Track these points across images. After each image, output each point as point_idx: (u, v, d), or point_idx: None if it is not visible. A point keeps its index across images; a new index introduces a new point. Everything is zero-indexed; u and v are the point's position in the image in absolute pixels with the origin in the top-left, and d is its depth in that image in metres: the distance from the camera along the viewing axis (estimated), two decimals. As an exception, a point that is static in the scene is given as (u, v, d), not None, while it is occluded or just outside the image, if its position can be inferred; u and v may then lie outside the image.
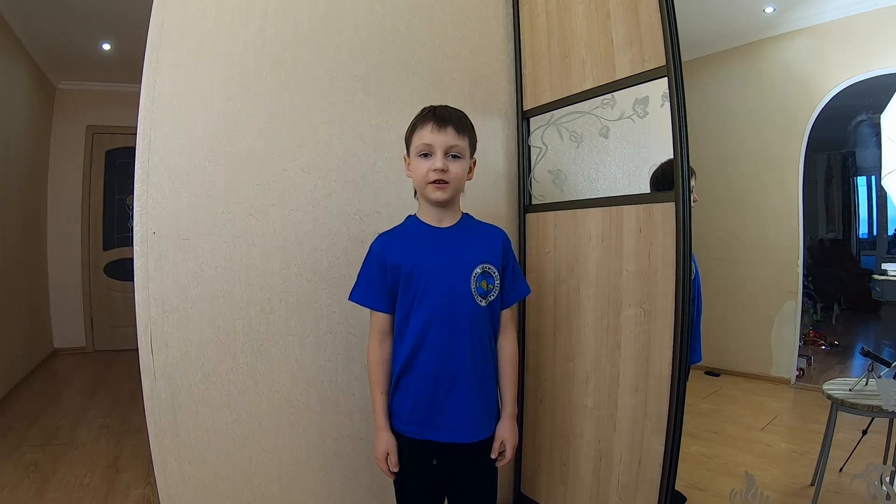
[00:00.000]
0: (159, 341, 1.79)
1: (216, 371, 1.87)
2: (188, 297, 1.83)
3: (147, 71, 1.80)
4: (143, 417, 1.78)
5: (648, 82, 1.93)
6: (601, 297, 2.08)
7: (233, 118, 1.91)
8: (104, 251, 6.54)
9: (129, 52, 5.27)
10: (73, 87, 6.38)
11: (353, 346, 2.08)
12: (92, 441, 3.54)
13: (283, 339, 1.98)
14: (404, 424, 1.63)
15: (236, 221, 1.90)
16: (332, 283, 2.05)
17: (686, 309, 1.78)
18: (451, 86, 2.35)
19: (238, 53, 1.93)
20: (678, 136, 1.77)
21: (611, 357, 2.05)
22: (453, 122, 1.58)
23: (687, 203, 1.77)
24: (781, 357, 4.61)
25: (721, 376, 4.68)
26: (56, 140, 6.30)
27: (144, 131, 1.78)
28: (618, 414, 2.02)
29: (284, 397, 1.98)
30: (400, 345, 1.63)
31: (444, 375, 1.59)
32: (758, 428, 3.54)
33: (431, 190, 1.59)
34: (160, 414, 1.80)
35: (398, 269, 1.61)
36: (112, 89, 6.42)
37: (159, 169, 1.79)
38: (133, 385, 4.60)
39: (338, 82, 2.10)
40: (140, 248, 1.77)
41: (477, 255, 1.63)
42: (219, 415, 1.88)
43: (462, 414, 1.61)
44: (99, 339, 6.48)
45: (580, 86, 2.19)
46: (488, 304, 1.63)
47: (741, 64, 4.85)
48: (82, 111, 6.40)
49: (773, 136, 4.66)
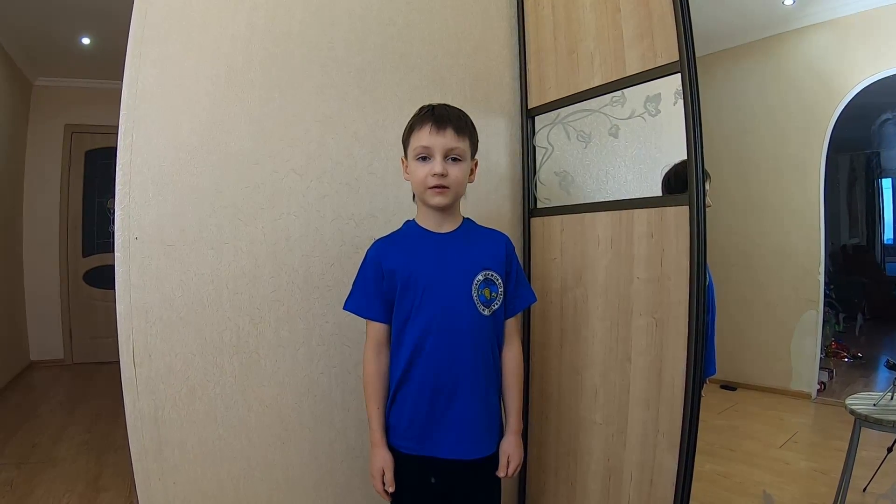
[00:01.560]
0: (142, 353, 1.78)
1: (202, 385, 1.87)
2: (173, 306, 1.83)
3: (129, 67, 1.80)
4: (124, 434, 1.77)
5: (661, 78, 1.93)
6: (610, 306, 2.08)
7: (220, 117, 1.91)
8: (84, 258, 6.55)
9: (110, 47, 5.29)
10: (51, 84, 6.40)
11: (348, 358, 2.08)
12: (71, 458, 3.54)
13: (273, 351, 1.98)
14: (401, 440, 1.64)
15: (224, 226, 1.90)
16: (326, 292, 2.05)
17: (701, 319, 1.77)
18: (450, 82, 2.35)
19: (226, 48, 1.93)
20: (692, 135, 1.77)
21: (620, 369, 2.04)
22: (453, 123, 1.58)
23: (701, 206, 1.77)
24: (801, 370, 4.61)
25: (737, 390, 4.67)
26: (33, 140, 6.32)
27: (126, 130, 1.78)
28: (628, 430, 2.02)
29: (275, 412, 1.98)
30: (397, 356, 1.64)
31: (442, 388, 1.59)
32: (776, 445, 3.54)
33: (430, 195, 1.60)
34: (143, 430, 1.80)
35: (395, 276, 1.61)
36: (92, 86, 6.44)
37: (142, 170, 1.79)
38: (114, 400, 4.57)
39: (331, 79, 2.10)
40: (122, 254, 1.76)
41: (478, 261, 1.64)
42: (205, 431, 1.88)
43: (462, 428, 1.61)
44: (78, 350, 6.49)
45: (588, 82, 2.19)
46: (492, 313, 1.63)
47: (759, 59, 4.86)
48: (61, 109, 6.42)
49: (793, 135, 4.67)
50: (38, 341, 6.35)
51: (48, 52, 5.61)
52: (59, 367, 6.32)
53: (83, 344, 6.50)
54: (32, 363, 6.29)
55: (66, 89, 6.46)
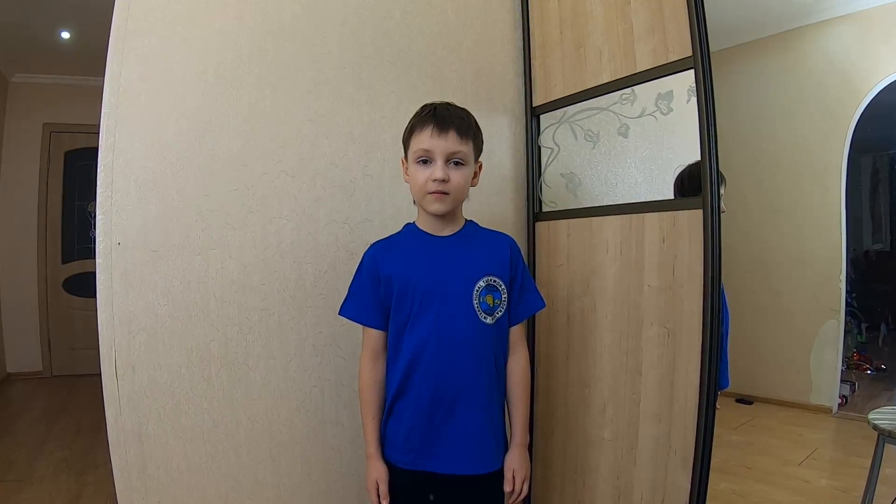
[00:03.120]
0: (125, 365, 1.78)
1: (189, 399, 1.87)
2: (157, 315, 1.82)
3: (111, 62, 1.80)
4: (106, 450, 1.77)
5: (673, 75, 1.93)
6: (620, 316, 2.08)
7: (208, 116, 1.91)
8: (63, 264, 6.55)
9: (91, 42, 5.28)
10: (29, 81, 6.41)
11: (343, 371, 2.08)
12: (50, 477, 3.53)
13: (263, 363, 1.97)
14: (397, 454, 1.64)
15: (211, 231, 1.90)
16: (319, 300, 2.05)
17: (715, 329, 1.77)
18: (451, 79, 2.35)
19: (214, 43, 1.94)
20: (706, 135, 1.77)
21: (630, 383, 2.04)
22: (455, 125, 1.58)
23: (716, 210, 1.77)
24: (821, 383, 4.60)
25: (754, 404, 4.67)
26: (8, 139, 6.32)
27: (108, 130, 1.78)
28: (638, 446, 2.02)
29: (265, 428, 1.98)
30: (394, 366, 1.64)
31: (441, 399, 1.59)
32: (795, 462, 3.54)
33: (430, 201, 1.60)
34: (126, 446, 1.79)
35: (392, 281, 1.62)
36: (72, 83, 6.44)
37: (125, 172, 1.79)
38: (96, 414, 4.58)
39: (325, 75, 2.10)
40: (103, 260, 1.76)
41: (480, 266, 1.64)
42: (191, 447, 1.87)
43: (462, 442, 1.61)
44: (57, 362, 6.48)
45: (596, 79, 2.20)
46: (494, 321, 1.63)
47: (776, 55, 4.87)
48: (38, 107, 6.42)
49: (813, 135, 4.67)
50: (14, 352, 6.34)
51: (25, 46, 5.61)
52: (36, 379, 6.31)
53: (62, 355, 6.49)
54: (9, 375, 6.28)
55: (45, 86, 6.46)
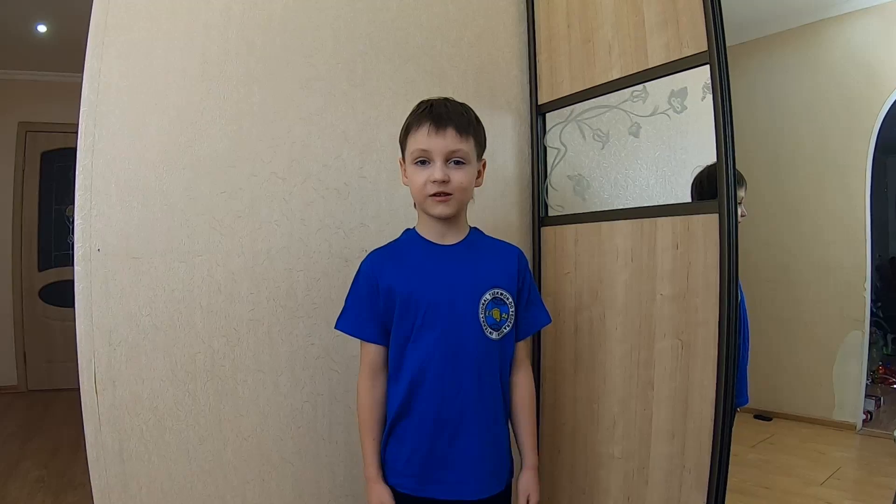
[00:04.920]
0: (105, 379, 1.77)
1: (173, 415, 1.86)
2: (139, 326, 1.82)
3: (91, 58, 1.80)
4: (85, 469, 1.77)
5: (687, 71, 1.93)
6: (630, 327, 2.08)
7: (193, 114, 1.91)
8: (39, 272, 6.54)
9: (69, 36, 5.29)
10: (2, 77, 6.41)
11: (337, 386, 2.08)
12: (25, 498, 3.52)
13: (252, 377, 1.97)
14: (398, 478, 1.63)
15: (197, 237, 1.90)
16: (311, 310, 2.04)
17: (732, 341, 1.77)
18: (451, 75, 2.36)
19: (199, 37, 1.94)
20: (722, 134, 1.77)
21: (642, 398, 2.04)
22: (454, 122, 1.57)
23: (733, 214, 1.77)
24: (845, 398, 4.59)
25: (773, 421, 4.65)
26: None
27: (87, 129, 1.78)
28: (650, 465, 2.01)
29: (254, 446, 1.97)
30: (395, 384, 1.64)
31: (446, 420, 1.59)
32: (817, 482, 3.53)
33: (431, 204, 1.59)
34: (106, 465, 1.79)
35: (392, 294, 1.61)
36: (49, 79, 6.45)
37: (105, 174, 1.79)
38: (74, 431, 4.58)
39: (317, 71, 2.11)
40: (82, 268, 1.76)
41: (487, 278, 1.63)
42: (176, 466, 1.87)
43: (468, 465, 1.60)
44: (33, 376, 6.46)
45: (606, 75, 2.20)
46: (501, 336, 1.63)
47: (796, 49, 4.87)
48: (13, 105, 6.42)
49: (835, 134, 4.66)
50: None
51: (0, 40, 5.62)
52: (11, 394, 6.30)
53: (39, 369, 6.48)
54: (-19, 390, 6.28)
55: (20, 83, 6.46)
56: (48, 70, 6.32)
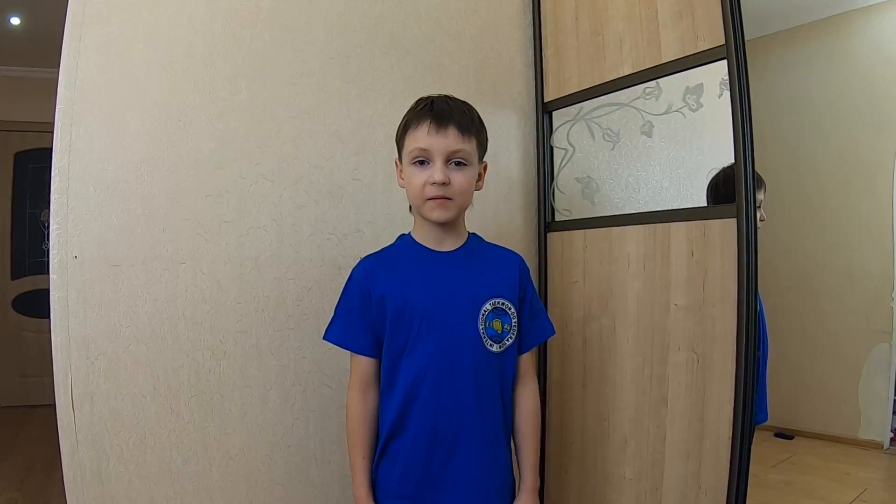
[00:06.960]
0: (82, 395, 1.77)
1: (155, 432, 1.86)
2: (119, 338, 1.82)
3: (67, 52, 1.79)
4: (61, 491, 1.76)
5: (703, 66, 1.94)
6: (643, 339, 2.08)
7: (176, 112, 1.91)
8: (12, 280, 6.53)
9: (44, 29, 5.30)
10: (-26, 73, 6.42)
11: (329, 402, 2.08)
12: (-5, 522, 3.52)
13: (239, 393, 1.97)
14: (391, 499, 1.62)
15: (180, 243, 1.90)
16: (302, 321, 2.04)
17: (751, 354, 1.77)
18: (452, 71, 2.36)
19: (182, 31, 1.94)
20: (741, 133, 1.77)
21: (655, 415, 2.04)
22: (456, 120, 1.57)
23: (752, 219, 1.77)
24: (871, 415, 4.58)
25: (795, 439, 4.65)
26: (-49, 139, 6.32)
27: (64, 129, 1.78)
28: (664, 486, 2.01)
29: (241, 465, 1.97)
30: (388, 400, 1.63)
31: (442, 438, 1.58)
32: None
33: (430, 208, 1.58)
34: (83, 487, 1.78)
35: (385, 303, 1.60)
36: (23, 75, 6.44)
37: (83, 176, 1.79)
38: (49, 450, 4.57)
39: (309, 66, 2.11)
40: (58, 276, 1.75)
41: (487, 287, 1.63)
42: (158, 488, 1.87)
43: (465, 487, 1.60)
44: (5, 392, 6.44)
45: (616, 71, 2.21)
46: (502, 349, 1.62)
47: (820, 43, 4.88)
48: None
49: (861, 134, 4.67)
50: (-44, 381, 6.32)
51: (-30, 34, 5.63)
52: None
53: (11, 384, 6.46)
54: (-50, 407, 6.27)
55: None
56: (22, 65, 6.32)
